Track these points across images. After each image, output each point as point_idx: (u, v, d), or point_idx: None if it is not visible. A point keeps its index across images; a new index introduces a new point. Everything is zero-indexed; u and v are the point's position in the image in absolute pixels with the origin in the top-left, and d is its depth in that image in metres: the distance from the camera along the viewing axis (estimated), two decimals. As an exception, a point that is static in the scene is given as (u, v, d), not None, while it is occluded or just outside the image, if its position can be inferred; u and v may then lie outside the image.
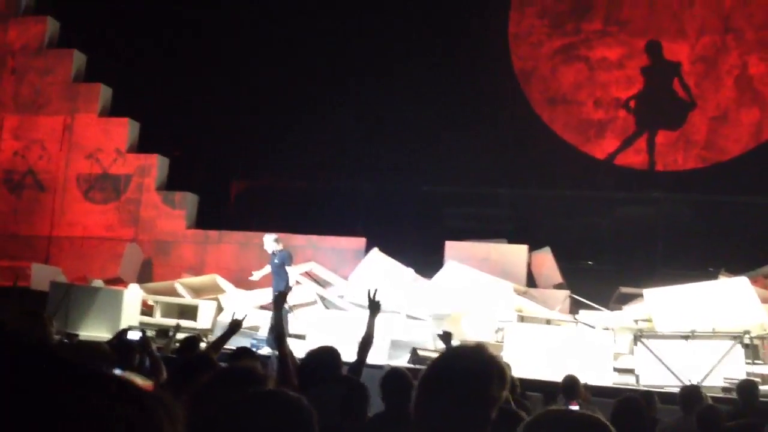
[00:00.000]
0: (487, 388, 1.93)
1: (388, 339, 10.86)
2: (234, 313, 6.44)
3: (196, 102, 16.51)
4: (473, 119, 15.99)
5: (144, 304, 13.08)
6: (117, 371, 1.06)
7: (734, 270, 10.73)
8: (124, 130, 16.32)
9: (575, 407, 5.02)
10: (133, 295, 12.77)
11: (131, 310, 12.41)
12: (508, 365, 1.97)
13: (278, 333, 4.81)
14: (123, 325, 12.02)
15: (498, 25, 17.14)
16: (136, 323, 12.15)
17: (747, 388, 6.92)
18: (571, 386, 6.56)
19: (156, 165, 16.13)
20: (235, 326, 5.50)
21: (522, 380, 7.22)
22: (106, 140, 16.33)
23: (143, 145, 16.47)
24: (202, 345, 10.77)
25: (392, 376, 5.02)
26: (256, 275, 12.46)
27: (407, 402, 4.75)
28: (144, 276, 15.03)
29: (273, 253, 12.06)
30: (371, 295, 4.65)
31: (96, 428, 0.93)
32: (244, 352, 5.85)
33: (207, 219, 16.02)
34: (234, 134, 16.47)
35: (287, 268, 11.93)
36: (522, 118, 16.61)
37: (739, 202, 14.42)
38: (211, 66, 16.75)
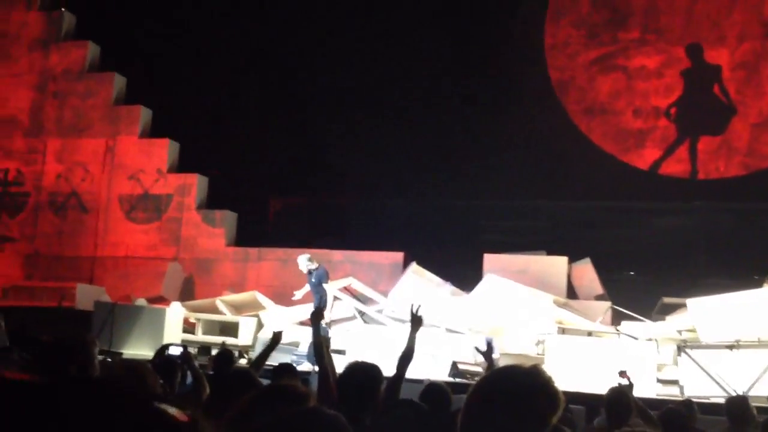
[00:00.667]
0: (538, 411, 1.85)
1: (428, 353, 10.82)
2: (275, 329, 6.48)
3: (234, 121, 16.74)
4: (511, 132, 15.94)
5: (186, 321, 13.23)
6: (156, 402, 1.09)
7: (780, 278, 10.52)
8: (165, 150, 16.59)
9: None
10: (175, 313, 12.92)
11: (173, 327, 12.56)
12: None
13: (317, 349, 4.84)
14: (166, 343, 12.22)
15: (534, 36, 17.10)
16: (178, 341, 12.30)
17: None
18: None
19: (196, 184, 16.36)
20: (275, 340, 5.54)
21: (564, 393, 7.13)
22: (147, 161, 16.62)
23: (183, 164, 16.72)
24: (242, 361, 10.87)
25: (432, 390, 5.02)
26: (298, 294, 12.61)
27: (447, 415, 4.74)
28: (186, 294, 15.22)
29: (309, 272, 12.19)
30: (414, 310, 4.66)
31: None
32: (285, 369, 5.89)
33: (246, 236, 16.19)
34: (272, 152, 16.64)
35: (324, 285, 12.02)
36: (560, 129, 16.51)
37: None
38: (249, 85, 16.97)
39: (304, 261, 12.31)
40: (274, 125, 16.74)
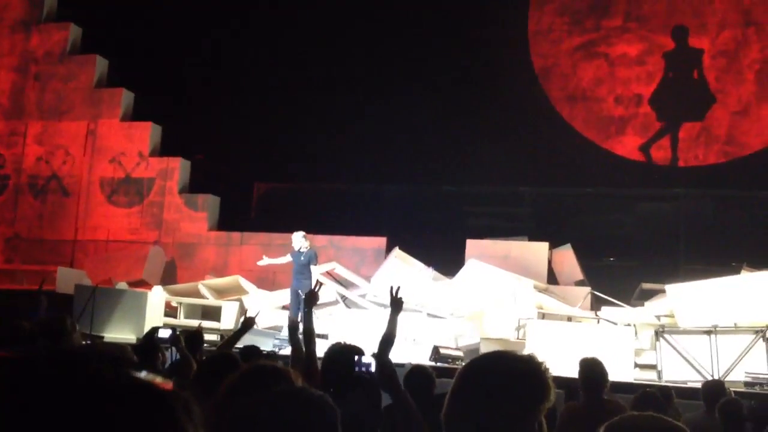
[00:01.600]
0: (531, 399, 1.78)
1: (410, 338, 10.90)
2: (246, 311, 6.52)
3: (217, 105, 16.67)
4: (494, 118, 15.99)
5: (168, 305, 13.20)
6: (142, 373, 1.12)
7: (756, 265, 10.66)
8: (147, 133, 16.50)
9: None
10: (157, 297, 12.90)
11: (155, 311, 12.54)
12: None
13: (308, 331, 4.86)
14: (147, 327, 12.18)
15: (517, 23, 17.13)
16: (160, 324, 12.29)
17: None
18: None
19: (178, 168, 16.30)
20: (247, 324, 5.55)
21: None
22: (129, 144, 16.53)
23: (165, 148, 16.66)
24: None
25: (415, 373, 5.07)
26: (266, 261, 12.64)
27: (430, 398, 4.79)
28: (168, 278, 15.20)
29: (299, 251, 12.16)
30: (393, 293, 4.67)
31: (122, 428, 0.98)
32: (251, 351, 5.92)
33: (229, 221, 16.18)
34: (255, 136, 16.60)
35: (312, 267, 12.03)
36: (542, 116, 16.59)
37: (761, 197, 14.32)
38: (232, 68, 16.90)
39: (299, 237, 12.36)
40: (259, 109, 16.69)
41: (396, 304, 4.61)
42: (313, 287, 5.01)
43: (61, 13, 17.67)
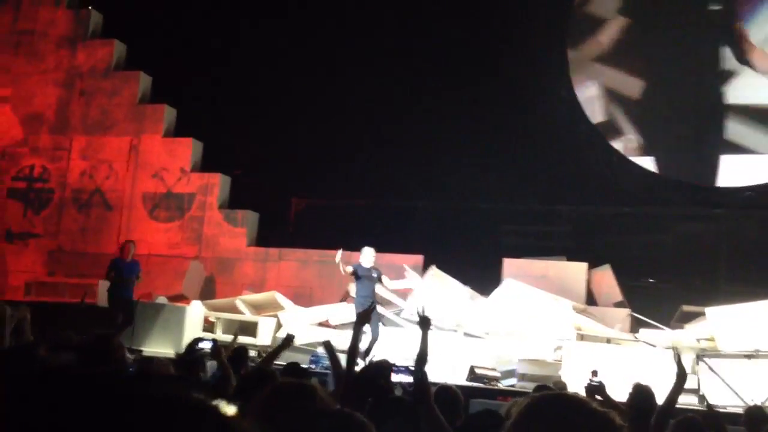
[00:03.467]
0: None
1: (446, 357, 10.88)
2: (287, 330, 6.57)
3: (257, 121, 16.87)
4: (532, 135, 15.93)
5: (206, 320, 13.35)
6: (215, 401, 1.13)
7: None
8: (188, 149, 16.74)
9: None
10: (195, 312, 13.05)
11: (194, 326, 12.68)
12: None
13: (352, 351, 4.87)
14: (186, 341, 12.33)
15: (556, 35, 17.03)
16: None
17: None
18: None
19: (218, 184, 16.50)
20: (287, 341, 5.59)
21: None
22: (171, 160, 16.78)
23: (206, 164, 16.88)
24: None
25: (442, 393, 5.07)
26: (396, 284, 12.10)
27: (457, 418, 4.77)
28: (206, 293, 15.36)
29: (373, 267, 11.59)
30: (420, 311, 4.70)
31: None
32: (292, 369, 5.97)
33: (267, 237, 16.31)
34: (294, 153, 16.75)
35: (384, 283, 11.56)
36: (581, 133, 16.49)
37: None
38: (272, 85, 17.09)
39: (372, 253, 11.61)
40: (298, 125, 16.85)
41: (424, 323, 4.63)
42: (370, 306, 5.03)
43: (107, 30, 18.07)
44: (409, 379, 4.75)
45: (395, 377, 4.90)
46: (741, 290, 11.77)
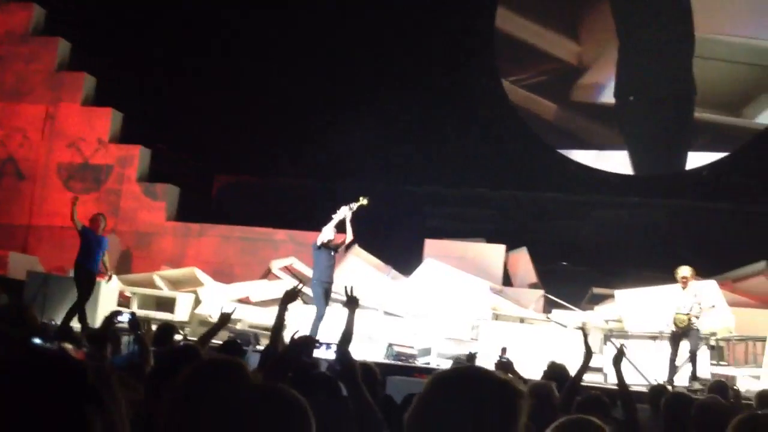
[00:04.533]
0: (500, 424, 1.71)
1: (365, 335, 11.02)
2: (222, 306, 6.51)
3: (181, 94, 16.56)
4: (457, 120, 16.17)
5: (121, 295, 13.11)
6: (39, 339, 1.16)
7: (704, 274, 10.99)
8: (107, 120, 16.31)
9: None
10: (110, 287, 12.79)
11: (108, 301, 12.42)
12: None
13: (277, 327, 4.88)
14: (100, 316, 12.07)
15: (482, 26, 17.27)
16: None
17: (718, 388, 7.07)
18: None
19: (138, 156, 16.15)
20: (223, 320, 5.55)
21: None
22: (89, 130, 16.32)
23: (126, 136, 16.49)
24: (178, 337, 10.85)
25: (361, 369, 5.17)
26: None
27: (373, 396, 4.88)
28: (122, 267, 15.04)
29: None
30: (349, 291, 4.77)
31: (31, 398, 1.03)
32: (230, 346, 5.93)
33: (188, 212, 16.08)
34: (218, 128, 16.53)
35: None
36: (505, 120, 16.81)
37: (709, 208, 14.76)
38: (197, 59, 16.80)
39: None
40: (224, 101, 16.62)
41: (352, 302, 4.71)
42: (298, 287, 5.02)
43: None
44: (332, 355, 4.82)
45: (318, 353, 4.97)
46: (649, 275, 12.30)
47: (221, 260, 15.11)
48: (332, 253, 10.71)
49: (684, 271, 9.84)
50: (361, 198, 10.60)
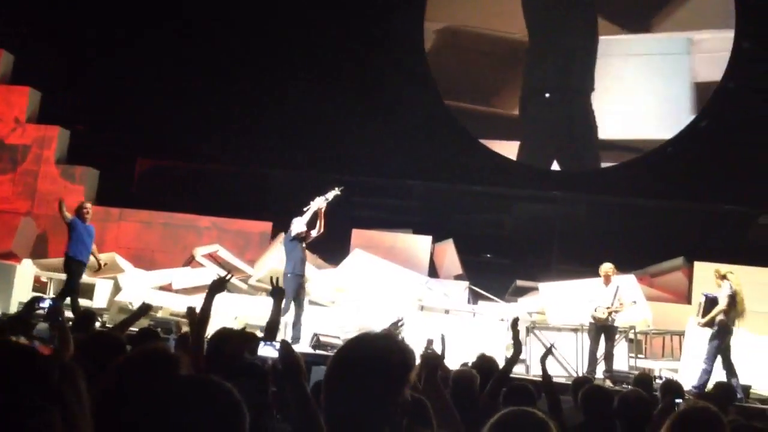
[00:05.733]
0: (396, 370, 1.99)
1: (289, 325, 10.93)
2: (144, 299, 6.34)
3: (103, 74, 16.05)
4: (386, 110, 16.16)
5: (37, 280, 12.70)
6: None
7: (623, 269, 11.30)
8: (24, 99, 15.68)
9: None
10: (25, 271, 12.39)
11: (24, 286, 12.06)
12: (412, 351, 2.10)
13: (202, 318, 4.74)
14: (14, 302, 11.65)
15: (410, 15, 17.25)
16: (27, 298, 11.76)
17: (643, 380, 7.23)
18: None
19: (57, 137, 15.59)
20: (144, 309, 5.47)
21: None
22: (6, 108, 15.65)
23: (44, 116, 15.89)
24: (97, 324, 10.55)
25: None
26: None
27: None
28: (39, 251, 14.55)
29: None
30: (274, 282, 4.71)
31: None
32: (148, 334, 5.77)
33: (108, 196, 15.62)
34: (141, 111, 16.09)
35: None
36: (433, 111, 16.89)
37: (630, 204, 15.19)
38: (122, 36, 16.29)
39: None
40: (147, 83, 16.17)
41: (278, 293, 4.65)
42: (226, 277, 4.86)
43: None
44: (275, 353, 4.73)
45: (262, 351, 4.87)
46: (571, 268, 12.57)
47: (142, 246, 14.75)
48: (303, 245, 10.53)
49: (606, 267, 10.08)
50: (336, 188, 10.49)
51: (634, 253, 13.27)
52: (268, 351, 3.43)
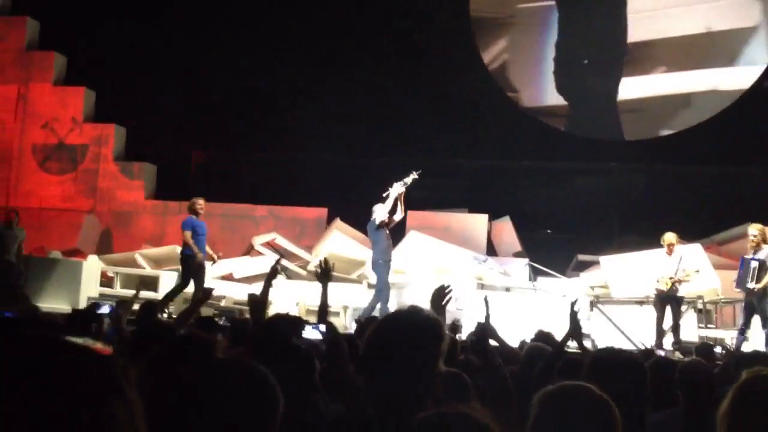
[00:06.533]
0: (430, 342, 2.07)
1: (350, 308, 10.97)
2: (204, 286, 6.40)
3: (154, 70, 16.26)
4: (434, 90, 16.01)
5: (104, 275, 12.99)
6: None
7: (688, 238, 11.00)
8: (80, 99, 16.03)
9: None
10: (92, 267, 12.66)
11: (90, 281, 12.33)
12: (442, 322, 2.25)
13: (261, 302, 4.77)
14: (83, 297, 11.94)
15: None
16: (95, 294, 12.06)
17: (704, 350, 7.07)
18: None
19: (113, 135, 15.91)
20: (205, 296, 5.48)
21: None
22: (62, 110, 16.03)
23: (100, 114, 16.22)
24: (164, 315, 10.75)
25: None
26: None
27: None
28: (103, 247, 14.89)
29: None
30: (322, 265, 4.68)
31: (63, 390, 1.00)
32: (204, 322, 5.83)
33: (167, 190, 15.88)
34: (194, 104, 16.27)
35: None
36: (481, 88, 16.67)
37: (691, 172, 14.77)
38: (171, 31, 16.46)
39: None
40: (199, 76, 16.34)
41: (324, 276, 4.63)
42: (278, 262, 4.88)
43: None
44: (319, 335, 4.74)
45: (307, 333, 4.88)
46: (632, 240, 12.30)
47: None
48: (388, 231, 10.62)
49: (669, 237, 9.83)
50: (413, 172, 10.53)
51: (699, 222, 12.93)
52: (314, 334, 3.41)
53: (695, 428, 3.51)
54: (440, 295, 3.85)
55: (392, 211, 10.61)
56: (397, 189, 10.52)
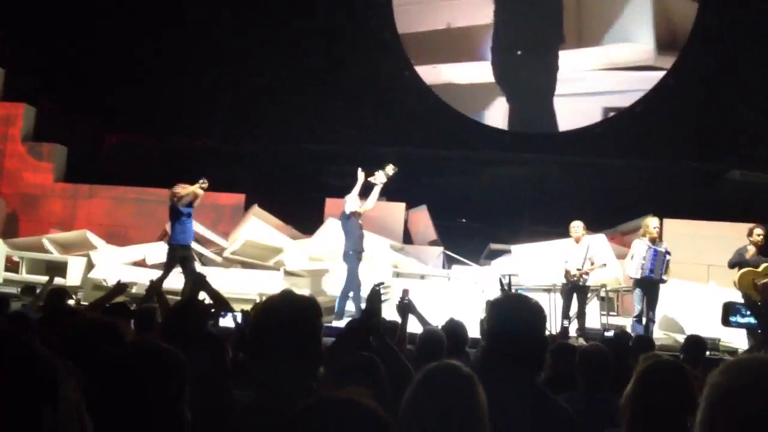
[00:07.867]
0: (305, 323, 2.17)
1: (267, 295, 10.92)
2: (119, 279, 6.33)
3: (68, 50, 15.77)
4: (353, 78, 16.08)
5: (9, 260, 12.58)
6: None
7: (594, 228, 11.42)
8: (-13, 77, 15.43)
9: None
10: (-4, 251, 12.25)
11: (-7, 266, 11.92)
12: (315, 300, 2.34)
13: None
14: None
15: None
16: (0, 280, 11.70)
17: (622, 337, 7.30)
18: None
19: (22, 114, 15.37)
20: (119, 289, 5.50)
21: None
22: (-32, 87, 15.39)
23: (9, 93, 15.63)
24: (71, 302, 10.49)
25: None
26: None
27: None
28: (9, 231, 14.41)
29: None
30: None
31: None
32: (119, 308, 5.77)
33: (77, 173, 15.46)
34: (108, 86, 15.86)
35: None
36: (401, 77, 16.81)
37: (599, 164, 15.31)
38: (86, 12, 15.98)
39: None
40: (114, 58, 15.93)
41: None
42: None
43: None
44: (231, 323, 4.79)
45: (224, 322, 4.92)
46: (543, 230, 12.68)
47: (114, 222, 14.65)
48: (360, 222, 10.55)
49: (577, 227, 10.16)
50: (390, 164, 10.51)
51: (605, 213, 13.41)
52: (227, 322, 3.48)
53: (594, 409, 3.70)
54: (378, 295, 4.06)
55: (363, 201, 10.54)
56: (379, 179, 10.52)
